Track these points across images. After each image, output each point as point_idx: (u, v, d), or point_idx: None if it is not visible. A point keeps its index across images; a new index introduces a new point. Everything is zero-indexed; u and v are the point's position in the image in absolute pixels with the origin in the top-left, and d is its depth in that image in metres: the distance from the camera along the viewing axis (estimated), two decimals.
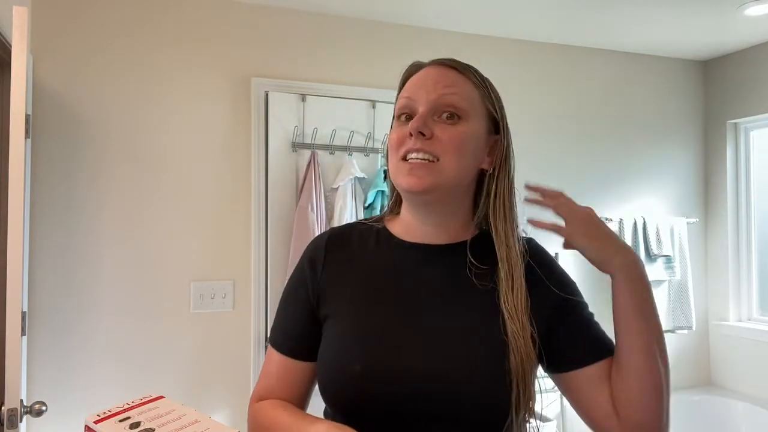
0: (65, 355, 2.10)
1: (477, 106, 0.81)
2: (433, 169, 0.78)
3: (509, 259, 0.80)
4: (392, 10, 2.46)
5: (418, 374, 0.75)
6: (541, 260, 0.87)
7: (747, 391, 2.94)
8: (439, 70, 0.82)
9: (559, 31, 2.73)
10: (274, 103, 2.37)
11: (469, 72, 0.83)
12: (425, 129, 0.78)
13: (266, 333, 2.32)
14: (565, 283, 0.88)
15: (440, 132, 0.78)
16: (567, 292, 0.86)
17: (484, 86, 0.83)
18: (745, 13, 2.49)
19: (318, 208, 2.32)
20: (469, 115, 0.80)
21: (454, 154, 0.78)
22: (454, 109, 0.79)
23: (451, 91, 0.80)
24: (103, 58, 2.19)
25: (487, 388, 0.75)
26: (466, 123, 0.80)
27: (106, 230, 2.17)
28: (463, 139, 0.79)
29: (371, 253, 0.86)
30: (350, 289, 0.84)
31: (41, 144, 2.09)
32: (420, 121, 0.78)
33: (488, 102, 0.83)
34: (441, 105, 0.79)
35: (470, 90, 0.81)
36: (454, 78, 0.81)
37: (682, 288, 3.02)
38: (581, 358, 0.81)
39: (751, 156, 3.07)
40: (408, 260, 0.84)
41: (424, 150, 0.78)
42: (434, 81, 0.80)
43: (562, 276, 0.89)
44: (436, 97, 0.79)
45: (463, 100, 0.80)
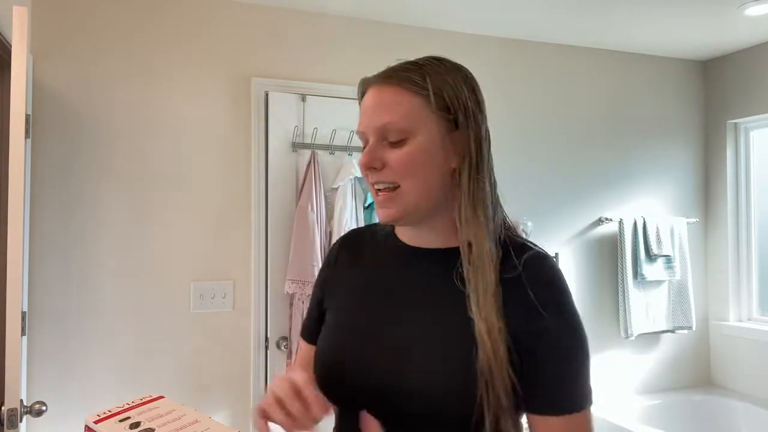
0: (65, 355, 2.10)
1: (420, 115, 0.78)
2: (397, 197, 0.79)
3: (477, 259, 0.76)
4: (392, 10, 2.46)
5: (381, 370, 0.79)
6: (543, 286, 0.76)
7: (747, 391, 2.94)
8: (377, 91, 0.81)
9: (559, 31, 2.73)
10: (274, 103, 2.37)
11: (406, 81, 0.79)
12: (375, 162, 0.80)
13: (266, 333, 2.32)
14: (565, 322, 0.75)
15: (389, 157, 0.79)
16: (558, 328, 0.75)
17: (426, 89, 0.78)
18: (745, 13, 2.49)
19: (318, 208, 2.32)
20: (414, 131, 0.78)
21: (408, 177, 0.78)
22: (397, 132, 0.78)
23: (390, 116, 0.78)
24: (103, 58, 2.19)
25: (444, 388, 0.74)
26: (412, 140, 0.78)
27: (106, 230, 2.17)
28: (411, 160, 0.78)
29: (375, 255, 0.91)
30: (348, 288, 0.90)
31: (41, 144, 2.09)
32: (368, 156, 0.80)
33: (436, 104, 0.79)
34: (384, 132, 0.79)
35: (409, 102, 0.78)
36: (392, 96, 0.79)
37: (682, 288, 3.02)
38: (536, 404, 0.75)
39: (751, 156, 3.07)
40: (401, 262, 0.87)
41: (381, 181, 0.80)
42: (373, 107, 0.80)
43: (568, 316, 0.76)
44: (377, 126, 0.79)
45: (402, 119, 0.78)
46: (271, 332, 2.33)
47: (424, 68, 0.81)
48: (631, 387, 2.97)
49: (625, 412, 2.74)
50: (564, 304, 0.76)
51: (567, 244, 2.87)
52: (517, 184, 2.77)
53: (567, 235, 2.87)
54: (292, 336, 2.31)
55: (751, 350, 2.93)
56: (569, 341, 0.75)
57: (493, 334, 0.72)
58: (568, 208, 2.88)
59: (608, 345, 2.93)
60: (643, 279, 2.88)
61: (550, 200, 2.85)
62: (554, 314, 0.74)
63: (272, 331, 2.34)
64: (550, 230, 2.83)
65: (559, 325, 0.75)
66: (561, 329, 0.75)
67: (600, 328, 2.92)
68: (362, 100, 0.84)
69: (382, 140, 0.80)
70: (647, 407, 2.85)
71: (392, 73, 0.82)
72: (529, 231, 2.61)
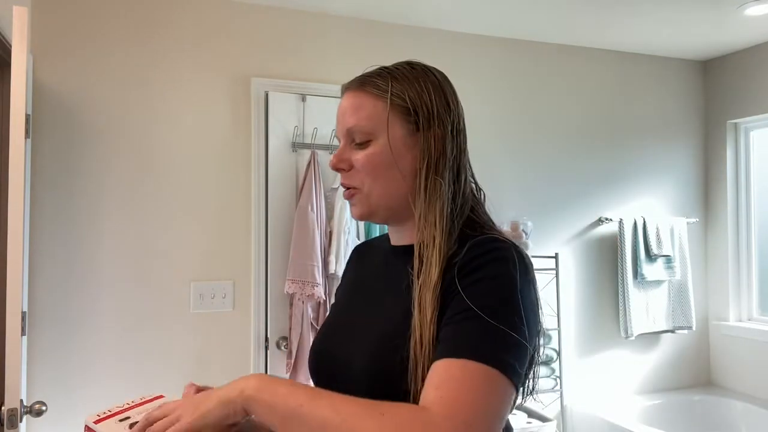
0: (65, 355, 2.10)
1: (380, 118, 0.82)
2: (362, 198, 0.85)
3: (428, 257, 0.76)
4: (392, 10, 2.46)
5: (336, 360, 0.85)
6: (468, 261, 0.75)
7: (747, 391, 2.94)
8: (346, 96, 0.86)
9: (559, 31, 2.73)
10: (274, 103, 2.37)
11: (369, 85, 0.83)
12: (342, 164, 0.85)
13: (266, 333, 2.32)
14: (475, 282, 0.73)
15: (354, 159, 0.84)
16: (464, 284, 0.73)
17: (387, 92, 0.82)
18: (745, 13, 2.49)
19: (318, 208, 2.32)
20: (376, 133, 0.82)
21: (370, 178, 0.83)
22: (360, 135, 0.83)
23: (353, 120, 0.83)
24: (103, 57, 2.19)
25: (376, 374, 0.76)
26: (375, 142, 0.83)
27: (106, 230, 2.17)
28: (373, 161, 0.82)
29: (371, 260, 0.99)
30: (346, 288, 1.00)
31: (41, 144, 2.09)
32: (336, 158, 0.85)
33: (397, 106, 0.81)
34: (350, 134, 0.84)
35: (372, 105, 0.83)
36: (357, 100, 0.84)
37: (682, 288, 3.02)
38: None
39: (751, 156, 3.07)
40: (381, 261, 0.94)
41: (348, 184, 0.86)
42: (342, 112, 0.85)
43: (481, 278, 0.73)
44: (345, 129, 0.85)
45: (365, 121, 0.82)
46: (271, 332, 2.33)
47: (391, 73, 0.84)
48: (631, 387, 2.97)
49: (625, 412, 2.74)
50: (485, 269, 0.73)
51: (567, 244, 2.87)
52: (516, 184, 2.77)
53: (567, 235, 2.87)
54: (292, 336, 2.31)
55: (751, 350, 2.93)
56: (481, 298, 0.70)
57: (425, 324, 0.72)
58: (568, 208, 2.88)
59: (608, 345, 2.93)
60: (643, 279, 2.88)
61: (550, 200, 2.85)
62: (472, 277, 0.73)
63: (272, 331, 2.34)
64: (550, 230, 2.83)
65: (475, 284, 0.72)
66: (475, 287, 0.72)
67: (600, 328, 2.92)
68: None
69: (349, 142, 0.85)
70: (647, 407, 2.85)
71: (362, 78, 0.86)
72: (529, 231, 2.61)
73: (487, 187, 0.95)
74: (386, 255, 0.93)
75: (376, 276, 0.93)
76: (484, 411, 0.63)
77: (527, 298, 0.73)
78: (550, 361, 2.66)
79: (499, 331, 0.68)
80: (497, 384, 0.66)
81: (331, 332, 0.91)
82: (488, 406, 0.64)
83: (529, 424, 2.47)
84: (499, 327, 0.68)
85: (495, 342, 0.67)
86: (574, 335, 2.86)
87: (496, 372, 0.66)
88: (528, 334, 0.70)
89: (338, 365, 0.84)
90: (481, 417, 0.63)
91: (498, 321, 0.68)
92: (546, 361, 2.66)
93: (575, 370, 2.84)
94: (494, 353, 0.67)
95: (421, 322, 0.73)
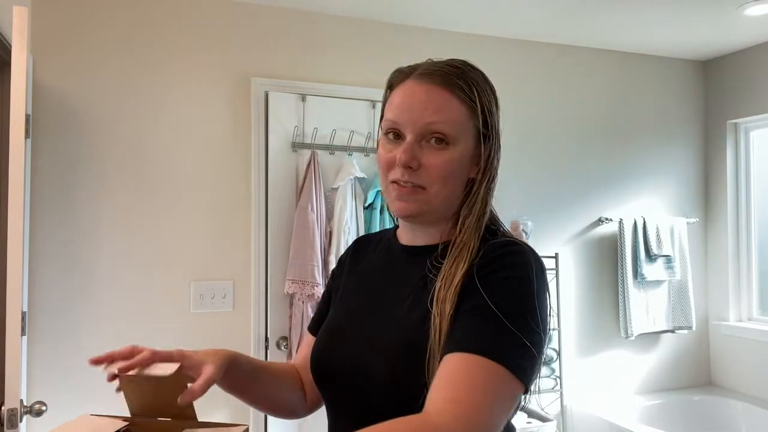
0: (65, 355, 2.10)
1: (465, 126, 0.79)
2: (421, 196, 0.80)
3: (459, 257, 0.77)
4: (392, 10, 2.46)
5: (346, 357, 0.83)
6: (487, 262, 0.76)
7: (747, 391, 2.94)
8: (426, 89, 0.79)
9: (559, 31, 2.73)
10: (274, 103, 2.37)
11: (457, 88, 0.79)
12: (413, 162, 0.78)
13: (266, 333, 2.32)
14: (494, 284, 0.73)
15: (427, 159, 0.78)
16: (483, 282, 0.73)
17: (473, 100, 0.79)
18: (745, 13, 2.49)
19: (318, 208, 2.32)
20: (458, 140, 0.79)
21: (441, 183, 0.79)
22: (443, 136, 0.78)
23: (438, 118, 0.78)
24: (103, 58, 2.19)
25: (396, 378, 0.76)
26: (454, 147, 0.79)
27: (106, 230, 2.17)
28: (450, 167, 0.79)
29: (374, 255, 0.95)
30: (348, 286, 0.95)
31: (41, 144, 2.09)
32: (408, 154, 0.78)
33: (477, 116, 0.80)
34: (428, 132, 0.78)
35: (458, 110, 0.79)
36: (442, 99, 0.78)
37: (682, 288, 3.02)
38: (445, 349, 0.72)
39: (751, 156, 3.07)
40: (390, 260, 0.90)
41: (412, 182, 0.79)
42: (422, 105, 0.78)
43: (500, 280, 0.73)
44: (423, 124, 0.78)
45: (451, 125, 0.78)
46: (271, 332, 2.33)
47: (468, 76, 0.81)
48: (631, 387, 2.97)
49: (625, 412, 2.74)
50: (504, 273, 0.74)
51: (567, 244, 2.87)
52: (517, 183, 2.77)
53: (567, 235, 2.87)
54: (292, 336, 2.31)
55: (751, 350, 2.93)
56: (500, 301, 0.71)
57: (444, 322, 0.72)
58: (568, 208, 2.88)
59: (608, 345, 2.93)
60: (643, 279, 2.88)
61: (550, 200, 2.85)
62: (491, 279, 0.73)
63: (272, 331, 2.34)
64: (550, 230, 2.83)
65: (494, 286, 0.73)
66: (494, 289, 0.72)
67: (600, 328, 2.92)
68: (399, 92, 0.82)
69: (420, 140, 0.79)
70: (647, 407, 2.85)
71: (440, 73, 0.80)
72: (529, 231, 2.61)
73: None
74: (397, 255, 0.89)
75: (386, 277, 0.88)
76: (491, 410, 0.64)
77: (543, 303, 0.73)
78: (550, 361, 2.67)
79: (515, 332, 0.68)
80: (508, 384, 0.66)
81: (339, 336, 0.87)
82: (496, 406, 0.65)
83: (529, 424, 2.47)
84: (515, 329, 0.68)
85: (509, 342, 0.68)
86: (574, 335, 2.86)
87: (508, 372, 0.66)
88: (541, 339, 0.71)
89: (353, 373, 0.81)
90: (488, 417, 0.63)
91: (514, 323, 0.69)
92: (546, 361, 2.66)
93: (575, 370, 2.84)
94: (507, 353, 0.67)
95: (441, 324, 0.72)
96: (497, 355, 0.66)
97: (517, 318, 0.69)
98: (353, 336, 0.85)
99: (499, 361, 0.66)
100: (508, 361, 0.66)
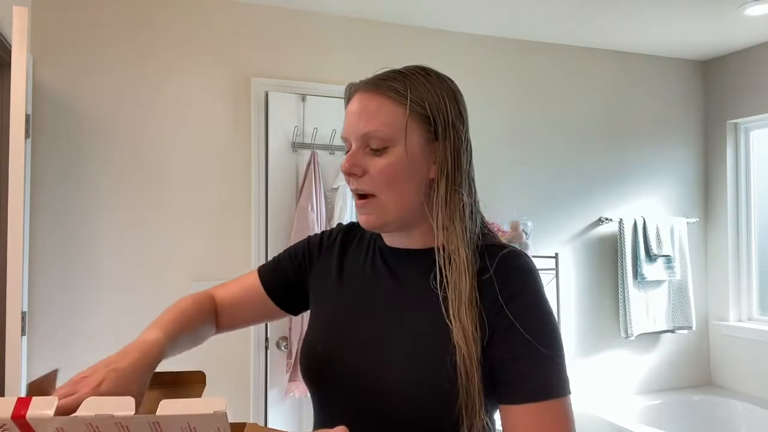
0: (65, 355, 2.10)
1: (400, 125, 0.79)
2: (376, 206, 0.82)
3: (455, 267, 0.78)
4: (392, 10, 2.46)
5: (358, 364, 0.81)
6: (507, 280, 0.77)
7: (747, 391, 2.94)
8: (361, 98, 0.82)
9: (559, 31, 2.73)
10: (274, 103, 2.37)
11: (389, 90, 0.80)
12: (355, 169, 0.81)
13: (266, 333, 2.32)
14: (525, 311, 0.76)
15: (370, 165, 0.80)
16: (524, 323, 0.75)
17: (406, 98, 0.79)
18: (745, 13, 2.49)
19: (318, 208, 2.32)
20: (395, 140, 0.79)
21: (387, 187, 0.80)
22: (377, 141, 0.79)
23: (372, 125, 0.79)
24: (103, 57, 2.19)
25: (420, 389, 0.76)
26: (393, 150, 0.79)
27: (106, 230, 2.17)
28: (391, 171, 0.79)
29: (360, 252, 0.94)
30: (335, 280, 0.93)
31: (41, 144, 2.09)
32: (349, 162, 0.81)
33: (416, 113, 0.80)
34: (366, 139, 0.80)
35: (392, 111, 0.79)
36: (375, 104, 0.80)
37: (682, 288, 3.02)
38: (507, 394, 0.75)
39: (751, 156, 3.07)
40: (382, 262, 0.89)
41: (363, 190, 0.82)
42: (358, 114, 0.81)
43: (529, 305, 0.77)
44: (360, 133, 0.80)
45: (385, 127, 0.79)
46: (271, 332, 2.33)
47: (408, 78, 0.81)
48: (631, 387, 2.97)
49: (625, 412, 2.74)
50: (530, 294, 0.78)
51: (567, 244, 2.87)
52: (517, 184, 2.77)
53: (567, 235, 2.87)
54: (292, 336, 2.31)
55: (751, 350, 2.93)
56: (538, 331, 0.75)
57: (469, 340, 0.74)
58: (568, 208, 2.88)
59: (608, 345, 2.93)
60: (643, 279, 2.88)
61: (551, 200, 2.85)
62: (520, 306, 0.76)
63: (272, 331, 2.34)
64: (550, 230, 2.83)
65: (526, 315, 0.76)
66: (528, 319, 0.76)
67: (600, 328, 2.92)
68: (347, 106, 0.85)
69: (364, 147, 0.81)
70: (647, 407, 2.85)
71: (377, 80, 0.82)
72: (529, 231, 2.61)
73: (488, 187, 0.95)
74: (385, 255, 0.89)
75: (380, 279, 0.88)
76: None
77: (550, 308, 0.80)
78: None
79: (559, 360, 0.76)
80: (568, 406, 0.75)
81: (335, 338, 0.86)
82: (572, 428, 0.74)
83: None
84: (553, 354, 0.75)
85: (556, 372, 0.75)
86: (574, 335, 2.86)
87: (568, 396, 0.75)
88: (562, 342, 0.79)
89: (360, 377, 0.81)
90: None
91: (554, 351, 0.76)
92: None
93: (575, 370, 2.84)
94: (564, 383, 0.75)
95: (465, 337, 0.75)
96: (554, 392, 0.73)
97: (553, 346, 0.76)
98: (361, 339, 0.83)
99: (556, 396, 0.73)
100: (561, 390, 0.74)
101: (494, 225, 2.49)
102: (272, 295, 0.99)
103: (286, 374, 2.33)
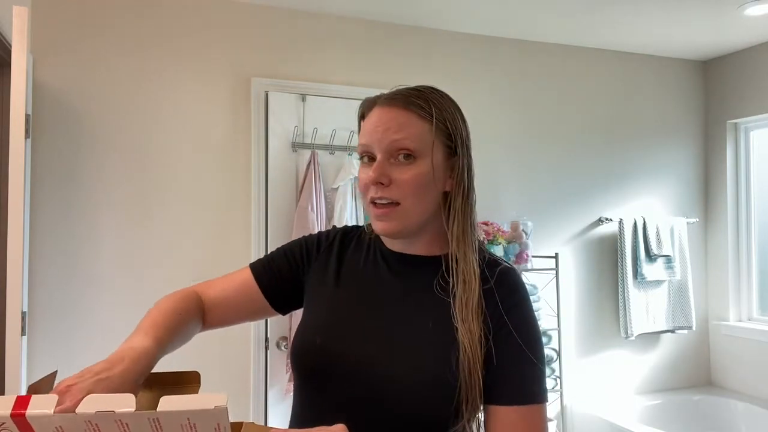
0: (65, 355, 2.10)
1: (427, 140, 0.85)
2: (398, 213, 0.85)
3: (464, 273, 0.85)
4: (392, 10, 2.46)
5: (364, 361, 0.84)
6: (508, 294, 0.86)
7: (747, 391, 2.94)
8: (386, 111, 0.86)
9: (559, 31, 2.73)
10: (274, 103, 2.37)
11: (415, 106, 0.85)
12: (383, 178, 0.84)
13: (266, 333, 2.32)
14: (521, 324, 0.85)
15: (398, 174, 0.85)
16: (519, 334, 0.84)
17: (432, 116, 0.85)
18: (745, 13, 2.49)
19: (318, 208, 2.32)
20: (422, 153, 0.84)
21: (413, 196, 0.85)
22: (408, 151, 0.84)
23: (401, 135, 0.84)
24: (103, 58, 2.19)
25: (425, 382, 0.80)
26: (421, 161, 0.84)
27: (106, 230, 2.17)
28: (419, 180, 0.84)
29: (360, 254, 0.97)
30: (333, 279, 0.95)
31: (41, 144, 2.09)
32: (377, 171, 0.84)
33: (440, 130, 0.86)
34: (393, 150, 0.85)
35: (418, 126, 0.85)
36: (403, 118, 0.85)
37: (682, 288, 3.02)
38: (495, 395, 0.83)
39: (751, 156, 3.07)
40: (387, 266, 0.93)
41: (385, 197, 0.85)
42: (384, 126, 0.85)
43: (525, 319, 0.86)
44: (389, 142, 0.84)
45: (412, 140, 0.84)
46: (271, 332, 2.33)
47: (427, 95, 0.87)
48: (631, 387, 2.97)
49: (625, 412, 2.74)
50: (526, 309, 0.87)
51: (567, 244, 2.87)
52: (517, 184, 2.77)
53: (567, 235, 2.87)
54: (292, 336, 2.31)
55: (751, 350, 2.93)
56: (530, 343, 0.84)
57: (474, 341, 0.81)
58: (568, 208, 2.88)
59: (608, 345, 2.93)
60: (643, 279, 2.88)
61: (550, 200, 2.85)
62: (518, 318, 0.85)
63: (272, 331, 2.34)
64: (550, 230, 2.83)
65: (521, 327, 0.85)
66: (523, 331, 0.84)
67: (600, 328, 2.92)
68: (367, 118, 0.89)
69: (389, 158, 0.85)
70: (647, 407, 2.85)
71: (399, 96, 0.87)
72: (529, 231, 2.61)
73: (488, 187, 0.98)
74: (389, 260, 0.92)
75: (382, 280, 0.91)
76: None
77: (539, 326, 0.89)
78: (550, 361, 2.66)
79: (544, 370, 0.86)
80: (545, 411, 0.84)
81: (335, 330, 0.88)
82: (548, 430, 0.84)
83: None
84: (542, 366, 0.85)
85: (543, 381, 0.85)
86: (574, 335, 2.86)
87: (545, 403, 0.84)
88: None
89: (365, 367, 0.83)
90: None
91: (541, 361, 0.85)
92: (546, 361, 2.66)
93: (575, 370, 2.84)
94: (545, 391, 0.85)
95: (471, 338, 0.81)
96: (538, 398, 0.82)
97: (540, 355, 0.85)
98: (365, 333, 0.86)
99: (539, 401, 0.82)
100: (543, 396, 0.84)
101: (494, 225, 2.49)
102: (266, 291, 0.99)
103: (286, 374, 2.33)
